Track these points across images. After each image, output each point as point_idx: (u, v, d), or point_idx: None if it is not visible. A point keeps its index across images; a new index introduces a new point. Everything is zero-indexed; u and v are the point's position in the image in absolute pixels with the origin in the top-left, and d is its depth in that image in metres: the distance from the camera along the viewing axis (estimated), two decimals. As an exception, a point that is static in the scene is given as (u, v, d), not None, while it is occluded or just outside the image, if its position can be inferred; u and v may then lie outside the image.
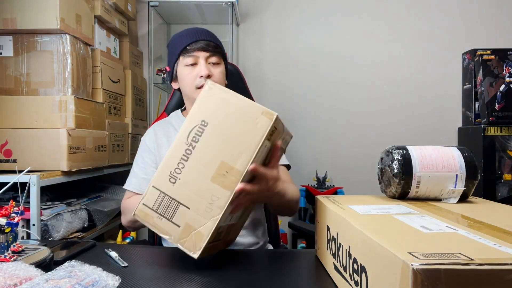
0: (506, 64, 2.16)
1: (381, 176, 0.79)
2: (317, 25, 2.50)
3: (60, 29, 1.50)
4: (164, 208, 0.71)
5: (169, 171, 0.71)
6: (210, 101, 0.72)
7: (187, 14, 2.36)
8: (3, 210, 0.71)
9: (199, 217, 0.69)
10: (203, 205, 0.69)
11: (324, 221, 0.73)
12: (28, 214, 1.29)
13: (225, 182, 0.68)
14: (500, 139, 2.09)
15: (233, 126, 0.70)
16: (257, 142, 0.68)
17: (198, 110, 0.72)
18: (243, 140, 0.68)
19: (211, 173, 0.69)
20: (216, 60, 1.07)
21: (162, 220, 0.71)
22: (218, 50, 1.08)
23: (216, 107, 0.72)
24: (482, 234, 0.48)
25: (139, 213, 0.73)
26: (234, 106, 0.71)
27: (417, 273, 0.37)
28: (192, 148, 0.70)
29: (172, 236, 0.70)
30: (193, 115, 0.72)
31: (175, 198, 0.70)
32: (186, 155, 0.70)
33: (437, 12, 2.45)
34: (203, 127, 0.71)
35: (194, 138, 0.70)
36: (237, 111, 0.70)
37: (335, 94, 2.49)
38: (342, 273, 0.60)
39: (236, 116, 0.70)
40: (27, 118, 1.48)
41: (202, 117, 0.71)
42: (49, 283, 0.55)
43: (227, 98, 0.72)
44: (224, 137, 0.70)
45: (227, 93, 0.72)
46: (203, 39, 1.06)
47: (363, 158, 2.43)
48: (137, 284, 0.65)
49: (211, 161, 0.69)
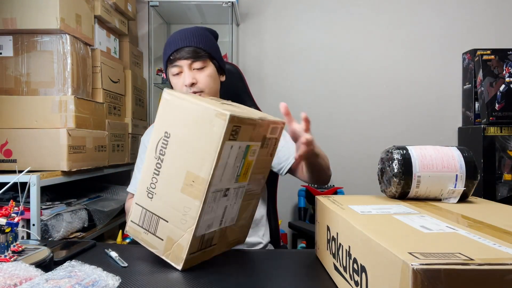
0: (506, 64, 2.16)
1: (381, 176, 0.79)
2: (317, 25, 2.50)
3: (60, 29, 1.50)
4: (148, 223, 0.73)
5: (145, 187, 0.72)
6: (168, 111, 0.71)
7: (187, 14, 2.36)
8: (3, 210, 0.71)
9: (177, 229, 0.69)
10: (178, 217, 0.69)
11: (324, 221, 0.73)
12: (28, 214, 1.29)
13: (193, 192, 0.67)
14: (500, 139, 2.09)
15: (193, 133, 0.67)
16: (215, 147, 0.65)
17: (161, 122, 0.71)
18: (204, 146, 0.66)
19: (180, 184, 0.68)
20: (199, 65, 1.06)
21: (148, 235, 0.73)
22: (200, 54, 1.06)
23: (175, 116, 0.70)
24: (482, 234, 0.48)
25: (130, 230, 0.75)
26: (190, 113, 0.68)
27: (417, 273, 0.37)
28: (161, 162, 0.70)
29: (158, 249, 0.72)
30: (157, 128, 0.71)
31: (154, 213, 0.72)
32: (157, 169, 0.71)
33: (437, 12, 2.45)
34: (167, 139, 0.70)
35: (161, 151, 0.70)
36: (194, 117, 0.68)
37: (335, 94, 2.49)
38: (342, 273, 0.60)
39: (194, 122, 0.68)
40: (27, 118, 1.48)
41: (165, 129, 0.70)
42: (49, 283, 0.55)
43: (183, 105, 0.69)
44: (186, 146, 0.68)
45: (182, 100, 0.70)
46: (185, 46, 1.05)
47: (363, 158, 2.43)
48: (137, 284, 0.65)
49: (179, 172, 0.69)
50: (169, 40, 1.09)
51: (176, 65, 1.05)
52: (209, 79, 1.07)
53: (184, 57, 1.04)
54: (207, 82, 1.07)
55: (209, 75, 1.07)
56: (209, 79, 1.07)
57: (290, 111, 0.80)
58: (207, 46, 1.07)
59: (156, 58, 2.42)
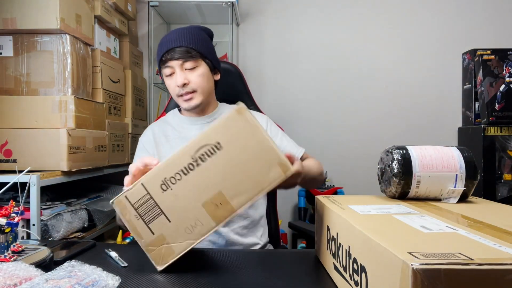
0: (506, 64, 2.16)
1: (381, 176, 0.79)
2: (317, 25, 2.50)
3: (60, 29, 1.50)
4: (145, 210, 0.68)
5: (163, 177, 0.67)
6: (234, 125, 0.67)
7: (187, 14, 2.36)
8: (3, 210, 0.71)
9: (176, 234, 0.67)
10: (185, 225, 0.67)
11: (324, 221, 0.73)
12: (28, 214, 1.29)
13: (216, 212, 0.66)
14: (500, 139, 2.09)
15: (245, 162, 0.66)
16: (260, 189, 0.66)
17: (217, 130, 0.67)
18: (249, 181, 0.65)
19: (205, 198, 0.66)
20: (191, 65, 1.05)
21: (138, 220, 0.68)
22: (191, 54, 1.05)
23: (238, 134, 0.67)
24: (482, 234, 0.48)
25: (118, 204, 0.69)
26: (255, 141, 0.66)
27: (417, 273, 0.37)
28: (196, 165, 0.66)
29: (143, 240, 0.68)
30: (209, 133, 0.67)
31: (160, 205, 0.68)
32: (187, 169, 0.67)
33: (437, 12, 2.45)
34: (215, 149, 0.66)
35: (202, 156, 0.66)
36: (256, 148, 0.66)
37: (335, 94, 2.49)
38: (342, 273, 0.60)
39: (254, 153, 0.66)
40: (27, 118, 1.48)
41: (219, 139, 0.67)
42: (49, 283, 0.55)
43: (253, 130, 0.67)
44: (232, 169, 0.66)
45: (254, 125, 0.67)
46: (175, 46, 1.04)
47: (363, 158, 2.43)
48: (137, 284, 0.65)
49: (210, 186, 0.66)
50: (161, 41, 1.09)
51: (168, 66, 1.06)
52: (202, 78, 1.07)
53: (175, 58, 1.04)
54: (199, 82, 1.06)
55: (201, 75, 1.07)
56: (202, 78, 1.07)
57: None
58: (198, 45, 1.06)
59: (156, 58, 2.42)
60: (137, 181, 0.69)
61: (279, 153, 0.67)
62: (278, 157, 0.66)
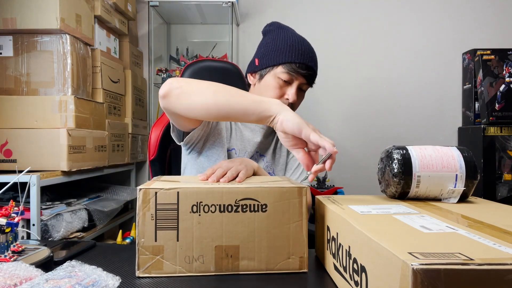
0: (506, 64, 2.16)
1: (381, 176, 0.79)
2: (317, 25, 2.50)
3: (60, 29, 1.50)
4: (164, 216, 0.65)
5: (200, 200, 0.66)
6: (288, 198, 0.68)
7: (187, 14, 2.36)
8: (3, 210, 0.71)
9: (175, 255, 0.66)
10: (188, 253, 0.66)
11: (324, 221, 0.73)
12: (28, 214, 1.29)
13: (221, 261, 0.67)
14: (500, 139, 2.09)
15: (276, 236, 0.67)
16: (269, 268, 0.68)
17: (271, 194, 0.67)
18: (267, 254, 0.67)
19: (223, 242, 0.67)
20: (305, 88, 1.08)
21: (151, 220, 0.65)
22: (313, 82, 1.08)
23: (287, 209, 0.67)
24: (482, 234, 0.48)
25: (145, 194, 0.64)
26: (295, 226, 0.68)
27: (417, 273, 0.37)
28: (234, 210, 0.66)
29: (143, 240, 0.66)
30: (263, 191, 0.67)
31: (179, 222, 0.65)
32: (225, 207, 0.66)
33: (437, 12, 2.45)
34: (259, 209, 0.67)
35: (245, 206, 0.66)
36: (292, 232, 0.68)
37: (334, 94, 2.49)
38: (342, 273, 0.60)
39: (287, 234, 0.68)
40: (27, 118, 1.48)
41: (267, 202, 0.67)
42: (49, 283, 0.55)
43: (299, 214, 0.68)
44: (262, 233, 0.67)
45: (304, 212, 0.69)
46: (311, 65, 1.05)
47: (363, 158, 2.43)
48: (137, 284, 0.65)
49: (234, 236, 0.67)
50: (292, 40, 1.08)
51: (291, 74, 1.03)
52: (299, 102, 1.11)
53: (304, 76, 1.04)
54: (297, 105, 1.10)
55: (302, 99, 1.12)
56: (299, 102, 1.11)
57: None
58: (315, 77, 1.09)
59: (156, 58, 2.42)
60: (176, 184, 0.67)
61: (306, 247, 0.68)
62: (304, 251, 0.68)
